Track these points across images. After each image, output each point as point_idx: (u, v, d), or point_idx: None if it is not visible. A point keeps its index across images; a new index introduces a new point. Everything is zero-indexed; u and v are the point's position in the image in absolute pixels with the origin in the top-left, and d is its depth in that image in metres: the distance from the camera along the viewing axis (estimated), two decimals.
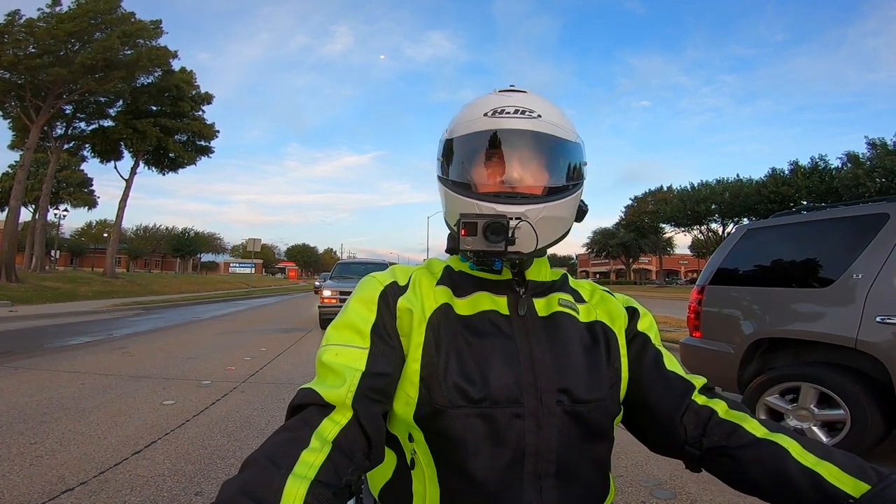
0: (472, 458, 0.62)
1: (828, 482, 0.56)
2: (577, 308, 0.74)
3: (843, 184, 32.93)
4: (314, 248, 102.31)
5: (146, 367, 5.85)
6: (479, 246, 0.63)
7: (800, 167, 36.31)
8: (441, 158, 0.74)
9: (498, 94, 0.72)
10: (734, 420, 0.66)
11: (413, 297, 0.69)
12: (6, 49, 18.06)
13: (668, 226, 49.80)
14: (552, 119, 0.69)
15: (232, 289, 31.98)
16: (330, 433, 0.56)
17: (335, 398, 0.58)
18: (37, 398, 4.24)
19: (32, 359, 6.26)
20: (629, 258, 61.36)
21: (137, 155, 25.03)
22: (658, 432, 0.71)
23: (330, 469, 0.53)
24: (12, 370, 5.49)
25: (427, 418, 0.63)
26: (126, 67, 19.91)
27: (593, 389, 0.67)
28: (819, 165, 35.55)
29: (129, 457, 2.94)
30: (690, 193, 44.29)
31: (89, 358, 6.40)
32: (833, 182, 33.56)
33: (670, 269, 69.84)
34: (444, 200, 0.73)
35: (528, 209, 0.65)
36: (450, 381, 0.63)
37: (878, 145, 32.06)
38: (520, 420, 0.63)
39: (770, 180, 37.46)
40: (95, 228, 61.46)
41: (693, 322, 3.87)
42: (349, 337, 0.65)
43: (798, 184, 35.38)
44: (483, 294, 0.71)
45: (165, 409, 4.06)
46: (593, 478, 0.68)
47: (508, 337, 0.68)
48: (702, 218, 43.82)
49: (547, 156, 0.69)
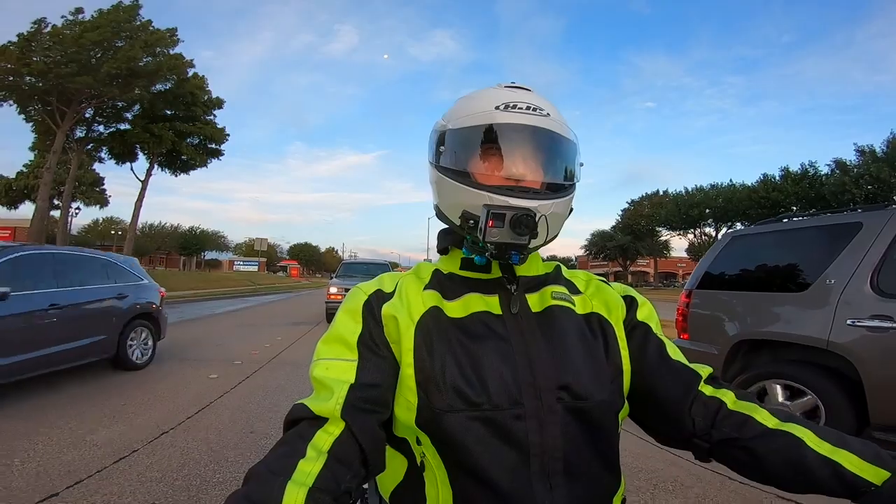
0: (480, 460, 0.62)
1: (847, 470, 0.57)
2: (572, 300, 0.74)
3: (830, 191, 33.81)
4: (316, 247, 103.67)
5: (185, 351, 7.00)
6: (504, 238, 0.63)
7: (790, 173, 37.27)
8: (440, 148, 0.72)
9: (505, 89, 0.72)
10: (744, 411, 0.66)
11: (398, 304, 0.69)
12: (34, 56, 19.32)
13: (664, 229, 50.89)
14: (558, 118, 0.70)
15: (239, 286, 33.19)
16: (324, 444, 0.57)
17: (325, 411, 0.60)
18: (112, 374, 5.40)
19: None
20: (626, 260, 62.38)
21: (152, 157, 26.35)
22: (666, 424, 0.71)
23: (328, 477, 0.54)
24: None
25: (429, 422, 0.63)
26: (148, 76, 21.25)
27: (594, 384, 0.66)
28: (808, 172, 36.49)
29: (200, 410, 4.06)
30: (685, 198, 45.33)
31: None
32: (822, 189, 34.49)
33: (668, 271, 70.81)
34: (442, 190, 0.72)
35: (540, 204, 0.65)
36: (448, 385, 0.63)
37: (867, 152, 32.96)
38: (521, 421, 0.62)
39: (761, 186, 38.45)
40: (102, 225, 62.63)
41: (681, 324, 4.01)
42: (338, 350, 0.66)
43: (788, 190, 36.33)
44: (473, 295, 0.71)
45: (212, 381, 5.18)
46: (602, 472, 0.67)
47: (502, 338, 0.67)
48: (696, 222, 44.88)
49: (555, 154, 0.70)
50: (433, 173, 0.73)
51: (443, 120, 0.74)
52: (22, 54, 19.10)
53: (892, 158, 30.77)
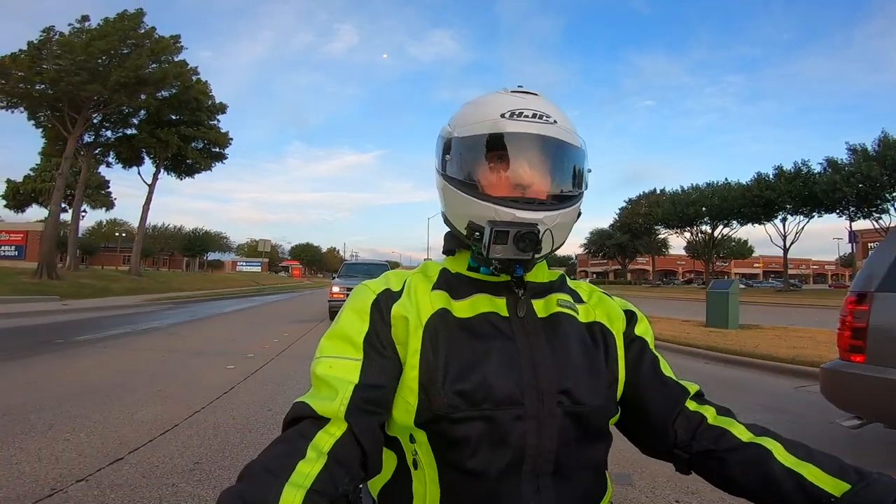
0: (473, 459, 0.62)
1: (810, 482, 0.58)
2: (576, 308, 0.75)
3: (821, 189, 34.30)
4: (318, 248, 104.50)
5: (201, 346, 7.66)
6: (508, 255, 0.63)
7: (783, 172, 37.80)
8: (446, 156, 0.72)
9: (511, 95, 0.71)
10: (722, 425, 0.69)
11: (408, 304, 0.69)
12: (43, 63, 20.04)
13: (661, 227, 51.51)
14: (566, 125, 0.69)
15: (243, 286, 33.95)
16: (325, 445, 0.57)
17: (328, 411, 0.59)
18: (137, 367, 6.04)
19: (111, 340, 8.10)
20: (625, 258, 63.00)
21: (158, 162, 27.15)
22: (650, 435, 0.73)
23: (326, 479, 0.54)
24: (103, 349, 7.32)
25: (427, 423, 0.64)
26: (155, 83, 22.02)
27: (593, 391, 0.68)
28: (802, 170, 37.00)
29: (224, 394, 4.69)
30: (681, 196, 45.96)
31: (156, 340, 8.25)
32: (814, 187, 34.99)
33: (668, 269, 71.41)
34: (449, 199, 0.72)
35: (546, 216, 0.65)
36: (449, 387, 0.63)
37: (859, 151, 33.42)
38: (521, 422, 0.63)
39: (755, 184, 38.99)
40: (105, 227, 63.33)
41: (850, 341, 2.97)
42: (342, 348, 0.66)
43: (781, 188, 36.85)
44: (481, 296, 0.71)
45: (229, 371, 5.81)
46: (590, 477, 0.69)
47: (509, 338, 0.68)
48: (692, 220, 45.53)
49: (562, 163, 0.70)
50: (439, 181, 0.74)
51: (449, 126, 0.74)
52: (33, 62, 19.81)
53: (882, 157, 31.29)
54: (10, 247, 28.01)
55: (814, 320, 12.24)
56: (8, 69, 20.02)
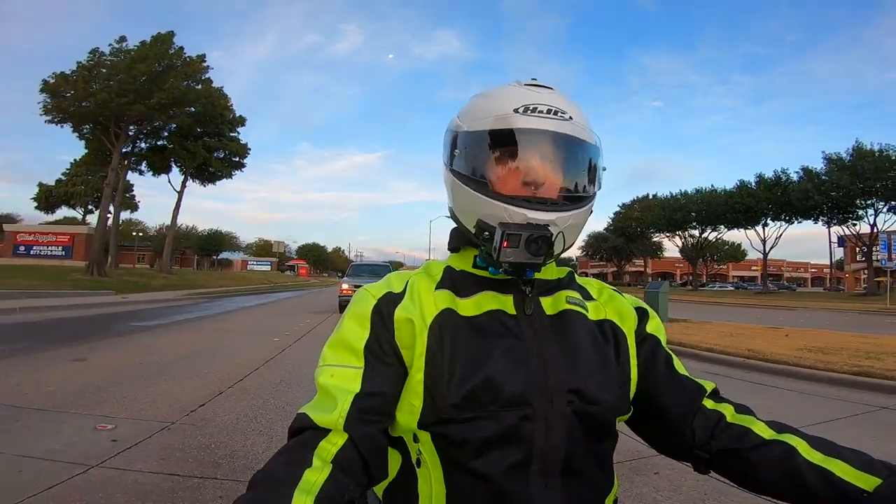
0: (480, 459, 0.62)
1: (839, 478, 0.57)
2: (585, 305, 0.74)
3: (795, 197, 36.33)
4: (324, 248, 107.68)
5: (246, 327, 10.33)
6: (519, 258, 0.62)
7: (763, 180, 39.97)
8: (454, 150, 0.70)
9: (525, 88, 0.69)
10: (742, 423, 0.67)
11: (411, 306, 0.68)
12: (94, 84, 23.00)
13: (652, 231, 53.73)
14: (581, 122, 0.68)
15: (258, 284, 37.03)
16: (328, 454, 0.58)
17: (328, 423, 0.60)
18: (213, 340, 8.68)
19: (179, 325, 10.81)
20: (621, 261, 65.33)
21: (186, 170, 30.27)
22: (667, 435, 0.72)
23: (332, 486, 0.54)
24: (178, 331, 10.00)
25: (432, 425, 0.63)
26: (189, 104, 25.22)
27: (604, 389, 0.67)
28: (781, 178, 39.13)
29: (276, 355, 7.25)
30: (670, 202, 48.22)
31: (213, 324, 10.97)
32: (790, 195, 37.07)
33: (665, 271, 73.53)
34: (456, 195, 0.70)
35: (559, 216, 0.64)
36: (455, 389, 0.63)
37: (833, 160, 35.33)
38: (529, 422, 0.63)
39: (737, 191, 41.25)
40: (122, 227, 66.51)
41: None
42: (344, 356, 0.66)
43: (760, 195, 38.99)
44: (488, 293, 0.70)
45: (276, 342, 8.37)
46: (598, 474, 0.68)
47: (518, 336, 0.67)
48: (681, 224, 47.75)
49: (577, 161, 0.68)
50: (447, 175, 0.72)
51: (458, 119, 0.72)
52: (86, 84, 22.75)
53: (854, 166, 33.25)
54: (59, 247, 31.02)
55: (741, 318, 14.63)
56: (60, 89, 23.01)
